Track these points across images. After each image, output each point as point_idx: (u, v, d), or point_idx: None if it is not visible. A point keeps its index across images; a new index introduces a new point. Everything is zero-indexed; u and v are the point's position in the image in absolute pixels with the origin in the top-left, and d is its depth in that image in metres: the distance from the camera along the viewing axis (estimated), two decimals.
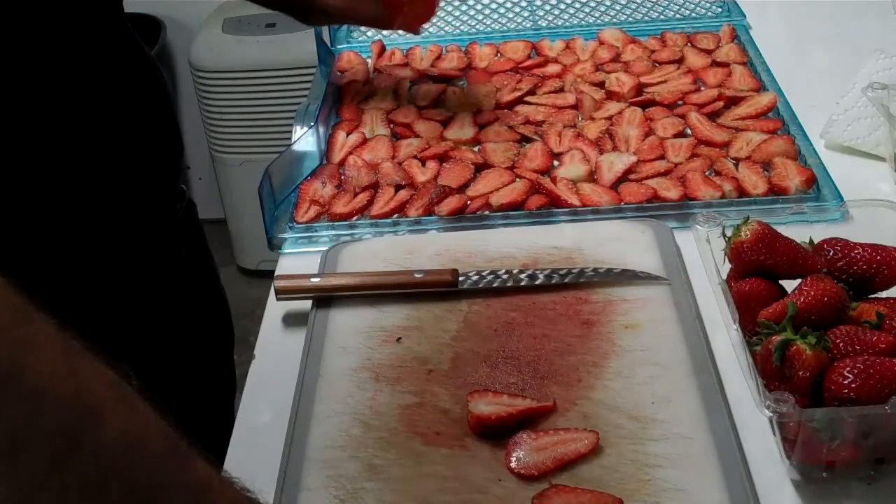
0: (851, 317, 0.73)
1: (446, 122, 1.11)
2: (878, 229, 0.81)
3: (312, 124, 1.07)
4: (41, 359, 0.44)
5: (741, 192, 0.97)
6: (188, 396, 0.98)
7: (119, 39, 0.88)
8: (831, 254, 0.76)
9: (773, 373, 0.68)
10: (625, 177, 1.01)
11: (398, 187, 1.02)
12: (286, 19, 1.10)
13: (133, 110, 0.88)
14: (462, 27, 1.35)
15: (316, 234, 0.98)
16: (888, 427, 0.65)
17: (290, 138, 1.07)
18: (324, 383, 0.78)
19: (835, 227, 0.84)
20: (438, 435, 0.73)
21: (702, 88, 1.15)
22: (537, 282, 0.86)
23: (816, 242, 0.78)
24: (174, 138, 0.96)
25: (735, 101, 1.11)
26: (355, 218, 0.99)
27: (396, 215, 0.99)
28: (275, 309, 0.89)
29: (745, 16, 1.30)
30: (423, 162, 1.05)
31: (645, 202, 0.97)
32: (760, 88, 1.13)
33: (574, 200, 0.98)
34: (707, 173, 1.00)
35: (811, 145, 1.02)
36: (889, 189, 0.99)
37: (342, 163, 1.07)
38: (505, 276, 0.87)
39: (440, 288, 0.86)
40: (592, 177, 1.01)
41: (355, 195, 1.01)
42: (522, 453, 0.70)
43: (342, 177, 1.04)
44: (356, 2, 1.05)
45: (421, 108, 1.14)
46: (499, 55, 1.25)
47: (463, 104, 1.14)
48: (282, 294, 0.87)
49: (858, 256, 0.76)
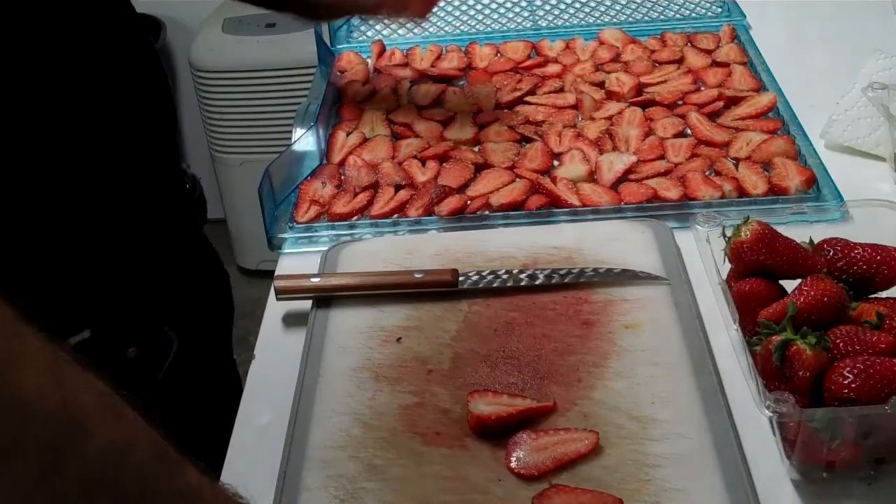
0: (851, 317, 0.73)
1: (446, 122, 1.11)
2: (878, 229, 0.81)
3: (312, 124, 1.07)
4: (27, 371, 0.44)
5: (741, 192, 0.97)
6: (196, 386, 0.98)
7: (122, 20, 0.87)
8: (831, 254, 0.76)
9: (773, 373, 0.68)
10: (625, 177, 1.01)
11: (398, 187, 1.02)
12: (286, 19, 1.09)
13: (130, 84, 0.87)
14: (462, 27, 1.35)
15: (316, 234, 0.98)
16: (888, 427, 0.65)
17: (290, 138, 1.07)
18: (324, 383, 0.78)
19: (835, 227, 0.84)
20: (438, 435, 0.73)
21: (702, 88, 1.15)
22: (537, 282, 0.86)
23: (816, 242, 0.78)
24: (169, 111, 0.95)
25: (735, 101, 1.11)
26: (355, 218, 0.99)
27: (396, 215, 0.99)
28: (275, 309, 0.89)
29: (745, 16, 1.30)
30: (423, 162, 1.05)
31: (645, 202, 0.97)
32: (760, 88, 1.13)
33: (574, 200, 0.98)
34: (707, 173, 1.00)
35: (811, 145, 1.02)
36: (889, 189, 0.99)
37: (342, 163, 1.07)
38: (505, 276, 0.86)
39: (440, 288, 0.86)
40: (592, 177, 1.01)
41: (355, 195, 1.01)
42: (522, 453, 0.70)
43: (342, 177, 1.04)
44: None
45: (421, 108, 1.14)
46: (499, 55, 1.25)
47: (463, 104, 1.14)
48: (282, 294, 0.87)
49: (858, 256, 0.76)
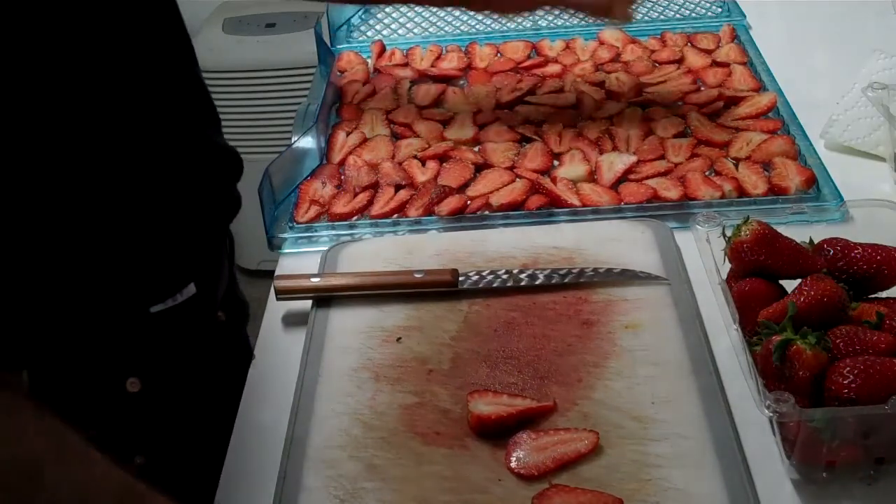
0: (851, 317, 0.73)
1: (446, 122, 1.11)
2: (878, 229, 0.81)
3: (312, 124, 1.07)
4: None
5: (741, 192, 0.97)
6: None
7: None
8: (831, 254, 0.76)
9: (773, 373, 0.68)
10: (625, 177, 1.01)
11: (398, 187, 1.02)
12: (286, 19, 1.09)
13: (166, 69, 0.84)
14: (462, 27, 1.35)
15: (316, 234, 0.98)
16: (888, 427, 0.65)
17: (290, 138, 1.07)
18: (324, 383, 0.78)
19: (835, 227, 0.85)
20: (438, 435, 0.73)
21: (702, 88, 1.15)
22: (537, 282, 0.86)
23: (816, 242, 0.78)
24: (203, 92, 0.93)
25: (735, 101, 1.11)
26: (355, 218, 0.99)
27: (396, 215, 0.99)
28: (275, 309, 0.89)
29: (745, 16, 1.30)
30: (423, 162, 1.05)
31: (645, 202, 0.97)
32: (760, 88, 1.13)
33: (574, 200, 0.98)
34: (707, 173, 1.00)
35: (811, 145, 1.02)
36: (889, 189, 0.99)
37: (342, 163, 1.07)
38: (505, 276, 0.86)
39: (440, 288, 0.86)
40: (592, 177, 1.01)
41: (355, 195, 1.01)
42: (522, 453, 0.70)
43: (342, 177, 1.04)
44: None
45: (421, 108, 1.14)
46: (499, 55, 1.25)
47: (463, 104, 1.14)
48: (282, 294, 0.87)
49: (858, 256, 0.76)
